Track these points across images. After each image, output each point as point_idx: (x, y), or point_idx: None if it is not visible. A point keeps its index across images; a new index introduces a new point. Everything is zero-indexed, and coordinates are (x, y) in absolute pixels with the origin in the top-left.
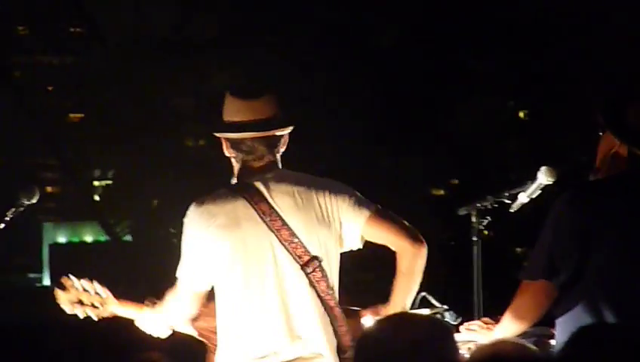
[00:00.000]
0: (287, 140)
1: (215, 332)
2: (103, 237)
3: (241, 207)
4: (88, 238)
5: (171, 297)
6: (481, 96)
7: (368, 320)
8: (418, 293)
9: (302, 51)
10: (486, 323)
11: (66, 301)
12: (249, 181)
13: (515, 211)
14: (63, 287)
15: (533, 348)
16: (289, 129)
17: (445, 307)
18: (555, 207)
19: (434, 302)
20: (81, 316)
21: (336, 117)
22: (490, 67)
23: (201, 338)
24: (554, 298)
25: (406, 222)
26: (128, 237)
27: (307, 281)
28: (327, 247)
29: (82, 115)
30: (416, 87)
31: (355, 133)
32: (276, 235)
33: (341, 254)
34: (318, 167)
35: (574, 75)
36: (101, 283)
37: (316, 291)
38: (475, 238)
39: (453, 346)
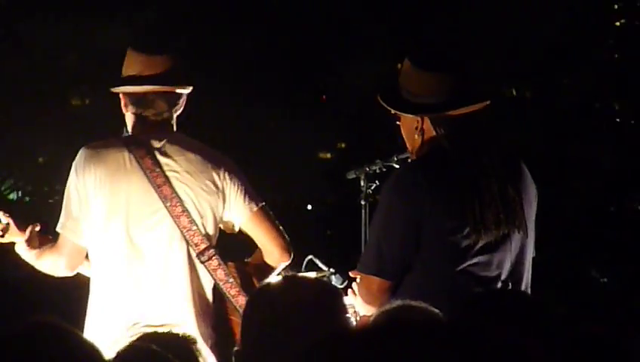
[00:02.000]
0: (185, 101)
1: None
2: None
3: (128, 159)
4: None
5: (51, 250)
6: (370, 59)
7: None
8: (305, 256)
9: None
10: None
11: None
12: (143, 136)
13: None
14: None
15: (436, 311)
16: (189, 88)
17: (332, 270)
18: (384, 196)
19: (320, 265)
20: None
21: (219, 76)
22: (382, 30)
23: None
24: (389, 289)
25: (282, 229)
26: (14, 196)
27: (192, 266)
28: (211, 222)
29: None
30: (303, 48)
31: (241, 93)
32: (165, 205)
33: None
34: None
35: (465, 42)
36: None
37: (214, 280)
38: (363, 202)
39: (341, 308)
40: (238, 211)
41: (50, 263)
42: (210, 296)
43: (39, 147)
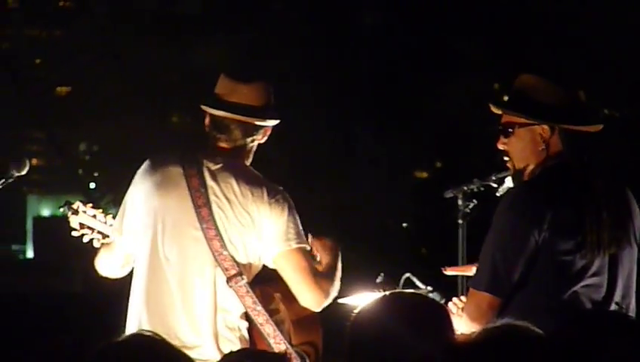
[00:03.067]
0: (268, 133)
1: None
2: None
3: (177, 175)
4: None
5: (107, 249)
6: (467, 78)
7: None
8: (402, 274)
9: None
10: (461, 303)
11: (76, 223)
12: (201, 156)
13: (501, 195)
14: (76, 212)
15: (539, 331)
16: (273, 122)
17: (429, 288)
18: (503, 213)
19: (418, 283)
20: (85, 240)
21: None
22: (478, 49)
23: None
24: (499, 307)
25: (319, 275)
26: (112, 211)
27: (220, 289)
28: (242, 252)
29: (69, 89)
30: (402, 68)
31: (341, 114)
32: (201, 226)
33: None
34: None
35: (560, 61)
36: (82, 255)
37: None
38: (460, 221)
39: (449, 324)
40: (271, 246)
41: (107, 262)
42: (236, 321)
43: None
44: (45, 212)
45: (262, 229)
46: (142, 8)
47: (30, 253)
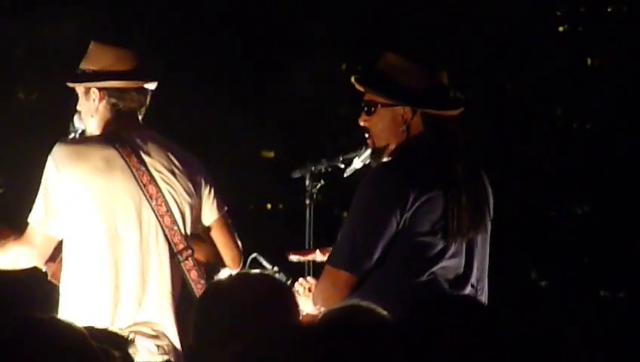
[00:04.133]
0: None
1: None
2: None
3: (115, 157)
4: None
5: (20, 242)
6: (313, 58)
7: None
8: (249, 254)
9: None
10: (307, 284)
11: None
12: (124, 133)
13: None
14: None
15: (384, 313)
16: (155, 83)
17: (276, 268)
18: (364, 191)
19: (264, 263)
20: None
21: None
22: (325, 29)
23: (54, 281)
24: (354, 285)
25: (237, 238)
26: None
27: (172, 265)
28: (189, 223)
29: None
30: (248, 45)
31: (184, 89)
32: (150, 204)
33: None
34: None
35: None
36: None
37: (188, 279)
38: (307, 201)
39: (294, 304)
40: (207, 214)
41: (15, 255)
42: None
43: None
44: None
45: (202, 197)
46: None
47: None
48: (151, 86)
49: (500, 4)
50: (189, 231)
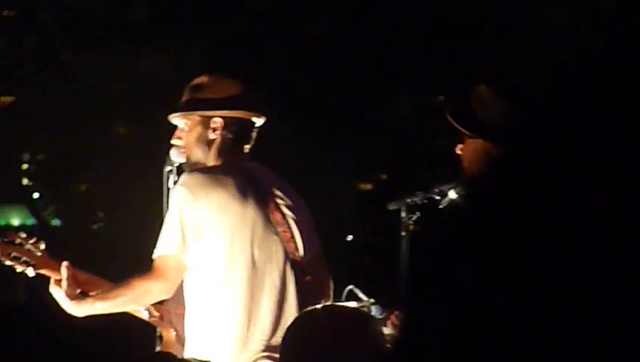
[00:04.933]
0: None
1: (181, 317)
2: (30, 221)
3: (244, 185)
4: (15, 222)
5: (149, 277)
6: (411, 91)
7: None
8: (345, 286)
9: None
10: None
11: (1, 252)
12: (244, 164)
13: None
14: (4, 241)
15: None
16: (264, 119)
17: (372, 300)
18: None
19: (360, 295)
20: (18, 270)
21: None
22: (422, 63)
23: (157, 324)
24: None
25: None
26: (56, 222)
27: (297, 288)
28: (307, 251)
29: (13, 98)
30: (345, 80)
31: (283, 124)
32: (277, 230)
33: None
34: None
35: (505, 75)
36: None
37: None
38: (403, 233)
39: (378, 338)
40: (311, 245)
41: (144, 290)
42: None
43: (82, 174)
44: None
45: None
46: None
47: None
48: (260, 121)
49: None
50: (305, 260)
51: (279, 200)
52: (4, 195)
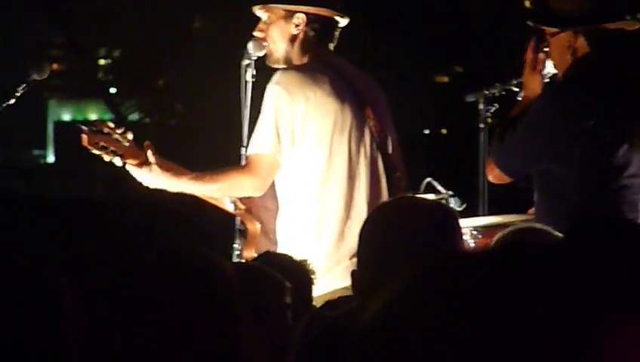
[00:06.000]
0: None
1: (270, 211)
2: (107, 116)
3: (338, 82)
4: (93, 116)
5: (244, 171)
6: None
7: None
8: (424, 179)
9: None
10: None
11: (89, 141)
12: (335, 61)
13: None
14: (92, 130)
15: (557, 234)
16: (347, 20)
17: (450, 192)
18: (542, 107)
19: (439, 187)
20: (106, 159)
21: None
22: None
23: (243, 216)
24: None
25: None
26: (134, 116)
27: (389, 186)
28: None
29: None
30: None
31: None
32: (369, 125)
33: None
34: None
35: None
36: (103, 161)
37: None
38: (482, 125)
39: (457, 231)
40: (393, 138)
41: (236, 182)
42: None
43: (160, 69)
44: (66, 117)
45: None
46: None
47: (51, 158)
48: (345, 21)
49: None
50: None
51: (367, 95)
52: (81, 91)
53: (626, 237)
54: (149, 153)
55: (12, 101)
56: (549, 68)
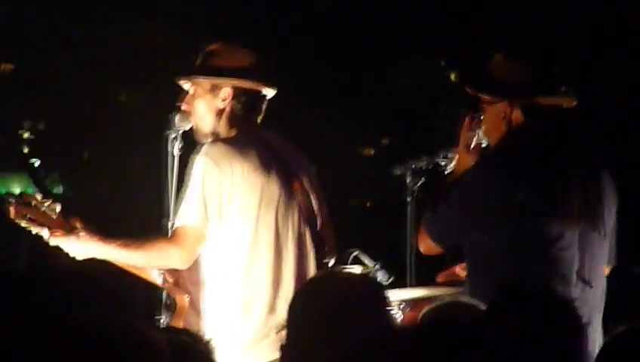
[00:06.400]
0: None
1: (197, 284)
2: (31, 189)
3: (265, 155)
4: (16, 189)
5: (170, 242)
6: (412, 55)
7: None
8: (350, 251)
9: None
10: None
11: (16, 214)
12: (260, 133)
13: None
14: (20, 203)
15: (482, 308)
16: (275, 91)
17: (378, 265)
18: (475, 178)
19: (366, 260)
20: (33, 232)
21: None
22: (427, 28)
23: (170, 289)
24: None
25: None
26: (58, 190)
27: (315, 257)
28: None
29: (12, 66)
30: (346, 44)
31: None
32: (297, 198)
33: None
34: None
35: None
36: (28, 233)
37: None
38: (409, 198)
39: (385, 304)
40: (322, 211)
41: (164, 254)
42: None
43: (84, 142)
44: None
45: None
46: None
47: None
48: (271, 93)
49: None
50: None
51: (295, 168)
52: (4, 164)
53: (549, 312)
54: (77, 223)
55: None
56: (482, 136)
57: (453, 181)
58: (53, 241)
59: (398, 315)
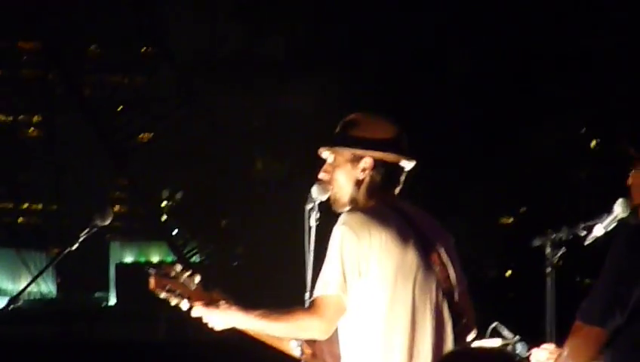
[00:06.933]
0: None
1: (336, 357)
2: (170, 258)
3: (404, 226)
4: (155, 258)
5: (309, 313)
6: (553, 123)
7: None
8: (490, 324)
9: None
10: (554, 351)
11: (156, 285)
12: (398, 204)
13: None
14: (160, 274)
15: None
16: (413, 163)
17: (517, 338)
18: (616, 247)
19: (505, 332)
20: (172, 303)
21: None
22: (563, 94)
23: (309, 361)
24: (604, 342)
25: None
26: (196, 258)
27: (453, 330)
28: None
29: (151, 135)
30: (486, 112)
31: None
32: (435, 270)
33: None
34: None
35: None
36: (166, 303)
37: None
38: (549, 269)
39: None
40: (461, 283)
41: (303, 325)
42: None
43: (222, 211)
44: (128, 259)
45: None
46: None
47: (113, 300)
48: (410, 165)
49: None
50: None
51: (434, 240)
52: (143, 232)
53: None
54: (216, 293)
55: (75, 246)
56: (618, 209)
57: None
58: (194, 312)
59: None
